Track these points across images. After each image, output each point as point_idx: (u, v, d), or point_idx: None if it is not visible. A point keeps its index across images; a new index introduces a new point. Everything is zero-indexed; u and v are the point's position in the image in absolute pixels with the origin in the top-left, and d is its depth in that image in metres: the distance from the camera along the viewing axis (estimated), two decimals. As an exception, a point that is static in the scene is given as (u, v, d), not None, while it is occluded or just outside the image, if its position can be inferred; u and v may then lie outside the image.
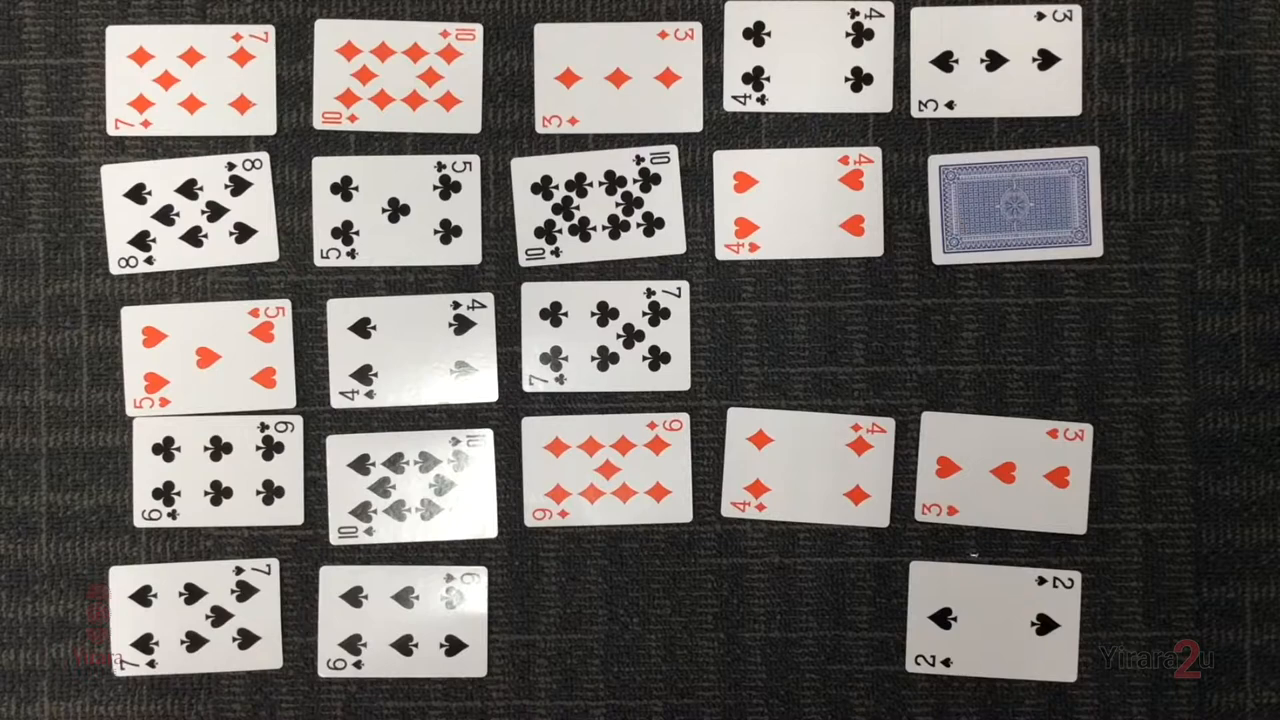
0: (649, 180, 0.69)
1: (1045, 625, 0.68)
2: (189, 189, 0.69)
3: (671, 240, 0.69)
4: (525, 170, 0.69)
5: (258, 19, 0.70)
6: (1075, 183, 0.69)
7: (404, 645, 0.69)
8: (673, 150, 0.69)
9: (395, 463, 0.69)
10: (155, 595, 0.69)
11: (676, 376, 0.69)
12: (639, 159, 0.69)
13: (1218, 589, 0.69)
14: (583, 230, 0.69)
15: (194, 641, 0.69)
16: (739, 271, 0.69)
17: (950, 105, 0.69)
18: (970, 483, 0.68)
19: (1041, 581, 0.68)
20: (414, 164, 0.69)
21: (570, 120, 0.69)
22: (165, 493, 0.69)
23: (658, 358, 0.69)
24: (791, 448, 0.69)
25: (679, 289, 0.69)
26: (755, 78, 0.69)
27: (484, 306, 0.69)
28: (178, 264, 0.69)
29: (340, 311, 0.69)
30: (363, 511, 0.69)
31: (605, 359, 0.69)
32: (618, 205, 0.69)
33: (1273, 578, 0.69)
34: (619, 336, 0.69)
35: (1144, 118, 0.69)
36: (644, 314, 0.69)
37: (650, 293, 0.69)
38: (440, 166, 0.69)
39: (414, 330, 0.69)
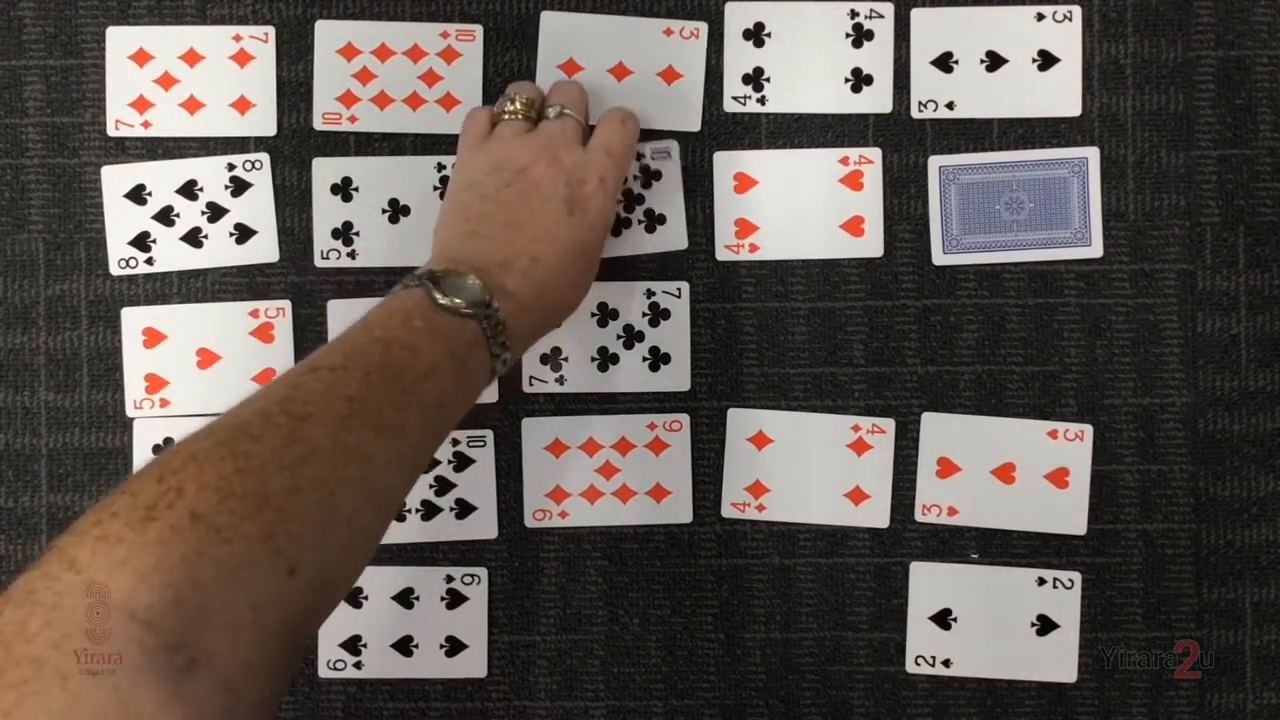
0: (650, 177, 0.69)
1: (1045, 625, 0.68)
2: (189, 190, 0.69)
3: (674, 236, 0.69)
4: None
5: (258, 20, 0.70)
6: (1075, 183, 0.69)
7: (404, 645, 0.69)
8: (673, 145, 0.69)
9: (395, 463, 0.69)
10: (155, 596, 0.69)
11: (676, 377, 0.69)
12: (640, 155, 0.69)
13: (1218, 589, 0.69)
14: (583, 231, 0.69)
15: (194, 642, 0.69)
16: (739, 271, 0.69)
17: (950, 106, 0.69)
18: (970, 483, 0.68)
19: (1041, 582, 0.68)
20: (414, 164, 0.69)
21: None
22: (165, 493, 0.69)
23: (658, 358, 0.69)
24: (791, 448, 0.69)
25: (679, 289, 0.69)
26: (755, 78, 0.69)
27: (484, 307, 0.69)
28: (178, 265, 0.69)
29: (340, 312, 0.69)
30: (363, 512, 0.69)
31: (605, 359, 0.69)
32: (619, 202, 0.69)
33: (1273, 578, 0.69)
34: (619, 337, 0.69)
35: (1144, 118, 0.69)
36: (644, 314, 0.69)
37: (650, 293, 0.69)
38: (440, 167, 0.69)
39: (414, 331, 0.69)
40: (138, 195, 0.69)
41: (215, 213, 0.69)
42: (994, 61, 0.69)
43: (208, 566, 0.41)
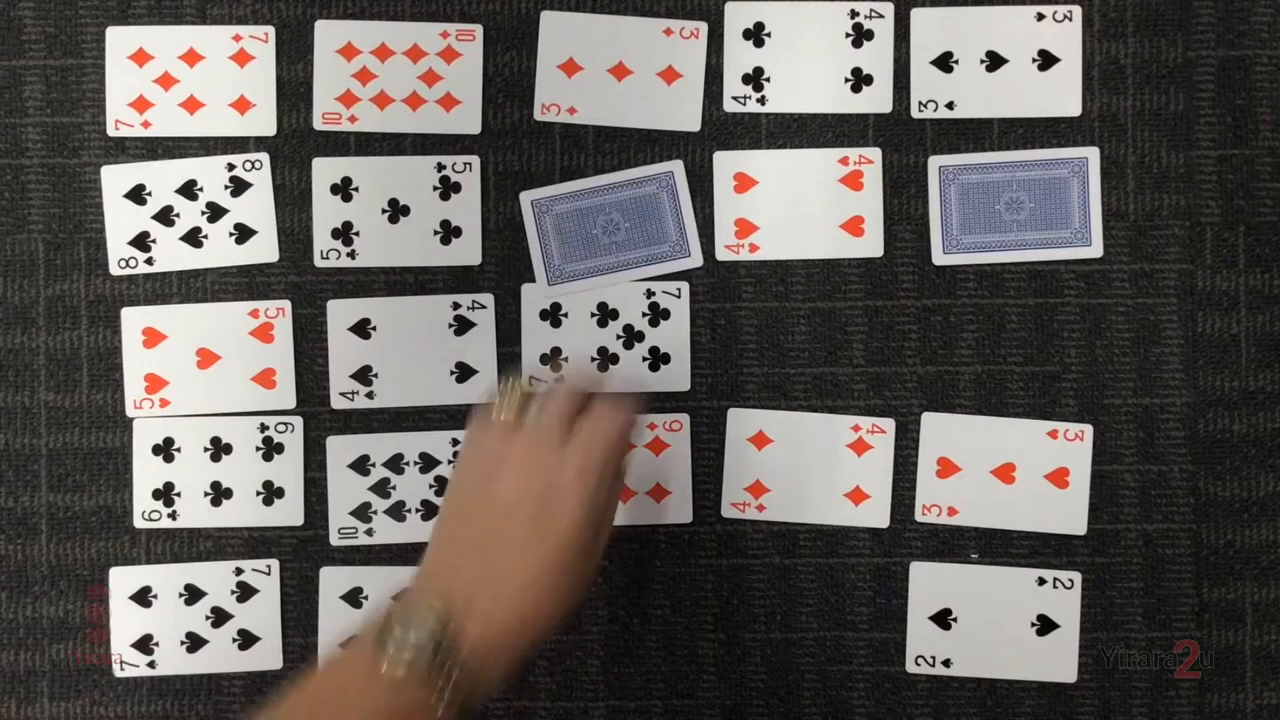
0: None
1: (1045, 625, 0.68)
2: (189, 190, 0.69)
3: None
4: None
5: (258, 20, 0.70)
6: (1075, 183, 0.69)
7: (404, 646, 0.68)
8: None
9: (395, 463, 0.69)
10: (155, 596, 0.69)
11: (676, 377, 0.69)
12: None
13: (1218, 589, 0.69)
14: (583, 231, 0.69)
15: (194, 642, 0.69)
16: (739, 272, 0.69)
17: (950, 105, 0.69)
18: (970, 483, 0.68)
19: (1041, 582, 0.68)
20: (414, 164, 0.69)
21: (569, 110, 0.69)
22: (165, 493, 0.69)
23: (657, 358, 0.69)
24: (791, 448, 0.69)
25: (679, 289, 0.69)
26: (755, 78, 0.69)
27: (484, 307, 0.69)
28: (178, 265, 0.69)
29: (340, 312, 0.69)
30: (363, 512, 0.69)
31: (605, 359, 0.69)
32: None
33: (1273, 578, 0.69)
34: (619, 337, 0.69)
35: (1144, 118, 0.69)
36: (644, 314, 0.69)
37: (650, 293, 0.69)
38: (440, 167, 0.69)
39: (414, 331, 0.69)
40: (138, 195, 0.69)
41: (215, 213, 0.69)
42: (994, 61, 0.69)
43: None
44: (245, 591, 0.69)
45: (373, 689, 0.51)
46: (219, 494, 0.69)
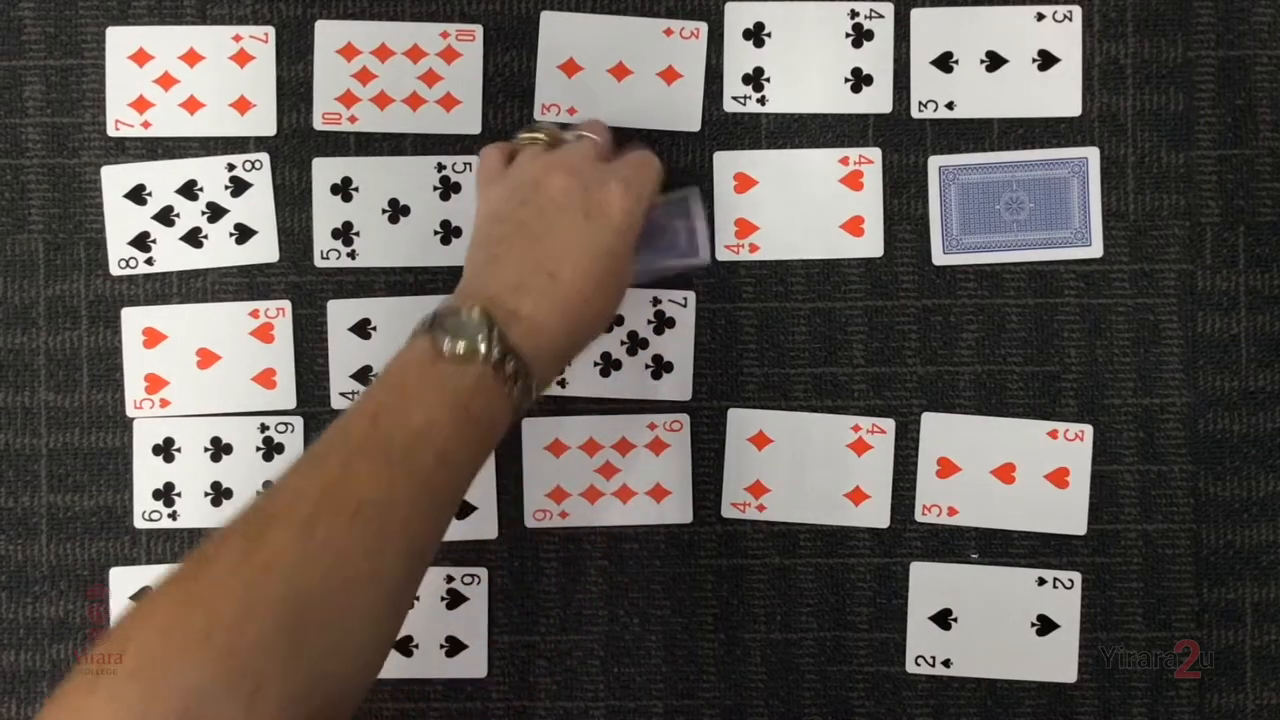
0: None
1: (1045, 625, 0.68)
2: (189, 190, 0.69)
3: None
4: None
5: (258, 20, 0.70)
6: (1075, 183, 0.69)
7: (404, 645, 0.69)
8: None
9: (395, 463, 0.69)
10: (156, 596, 0.69)
11: (678, 386, 0.69)
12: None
13: (1218, 589, 0.69)
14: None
15: (194, 642, 0.69)
16: (739, 272, 0.69)
17: (950, 106, 0.69)
18: (970, 483, 0.68)
19: (1041, 582, 0.68)
20: (414, 164, 0.69)
21: (569, 110, 0.69)
22: (165, 494, 0.69)
23: (660, 366, 0.69)
24: (791, 448, 0.69)
25: (685, 299, 0.69)
26: (755, 78, 0.69)
27: (484, 307, 0.69)
28: (178, 265, 0.69)
29: (340, 312, 0.69)
30: (363, 512, 0.69)
31: (608, 365, 0.69)
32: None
33: (1273, 578, 0.69)
34: (622, 343, 0.69)
35: (1144, 118, 0.69)
36: (649, 322, 0.69)
37: (656, 301, 0.69)
38: (440, 167, 0.69)
39: (414, 331, 0.69)
40: (138, 195, 0.69)
41: (215, 213, 0.69)
42: (994, 61, 0.69)
43: (159, 705, 0.42)
44: (245, 592, 0.69)
45: (436, 369, 0.52)
46: (219, 494, 0.69)
